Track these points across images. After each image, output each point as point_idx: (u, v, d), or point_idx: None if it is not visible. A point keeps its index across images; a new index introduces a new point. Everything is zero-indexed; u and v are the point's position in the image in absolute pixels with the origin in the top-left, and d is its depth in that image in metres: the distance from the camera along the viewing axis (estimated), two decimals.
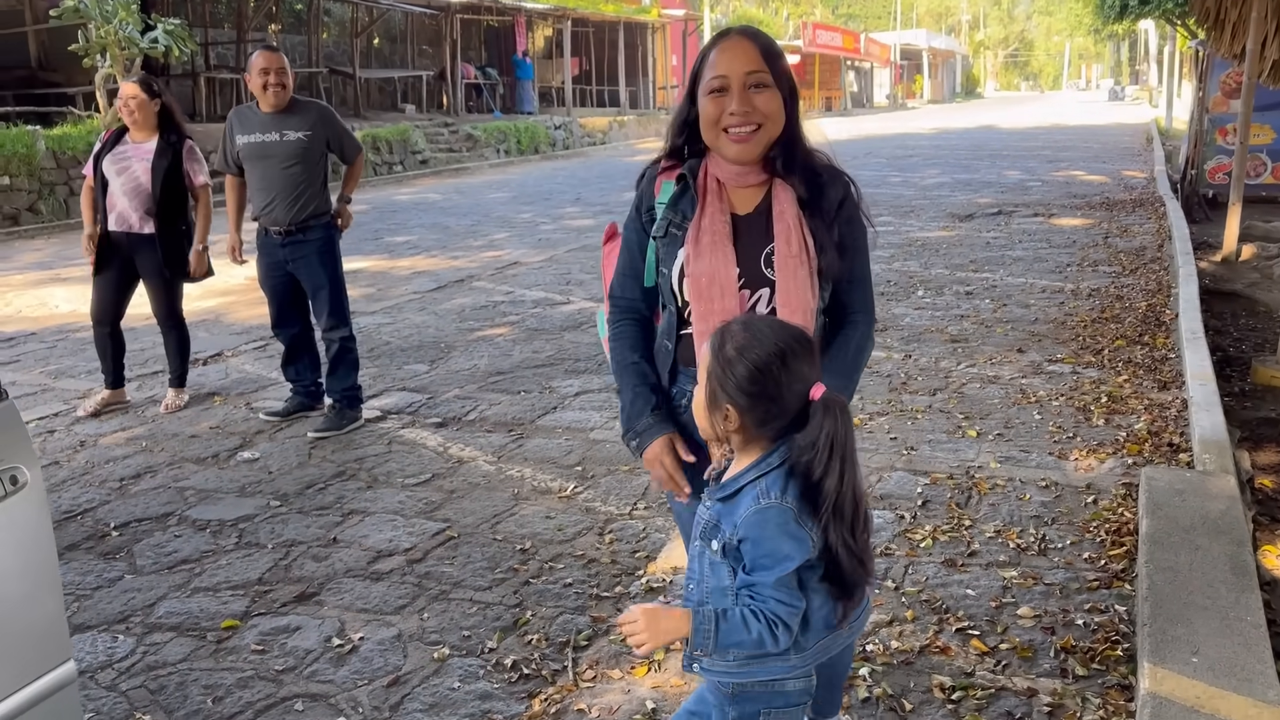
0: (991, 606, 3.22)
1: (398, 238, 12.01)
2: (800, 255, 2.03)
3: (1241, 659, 2.66)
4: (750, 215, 2.10)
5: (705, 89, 2.04)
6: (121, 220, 5.30)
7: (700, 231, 2.06)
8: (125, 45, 14.63)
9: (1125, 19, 27.16)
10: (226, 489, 4.44)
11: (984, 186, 15.34)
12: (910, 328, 6.79)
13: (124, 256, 5.37)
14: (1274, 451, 4.71)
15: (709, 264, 2.04)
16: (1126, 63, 76.06)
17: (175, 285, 5.52)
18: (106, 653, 3.14)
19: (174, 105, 5.46)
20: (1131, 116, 37.30)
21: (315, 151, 5.01)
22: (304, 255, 5.05)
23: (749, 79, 2.00)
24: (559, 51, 31.26)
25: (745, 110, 1.99)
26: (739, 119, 2.00)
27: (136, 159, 5.27)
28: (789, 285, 2.03)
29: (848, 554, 1.73)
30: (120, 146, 5.32)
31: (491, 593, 3.44)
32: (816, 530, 1.71)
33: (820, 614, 1.81)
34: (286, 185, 4.98)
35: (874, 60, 57.27)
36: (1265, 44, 8.41)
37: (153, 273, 5.40)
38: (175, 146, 5.33)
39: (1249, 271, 8.80)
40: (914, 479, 4.26)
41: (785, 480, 1.72)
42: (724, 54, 2.02)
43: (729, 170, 2.09)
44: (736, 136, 2.02)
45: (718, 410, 1.76)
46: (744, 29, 2.08)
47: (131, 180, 5.25)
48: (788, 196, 2.07)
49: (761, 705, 1.87)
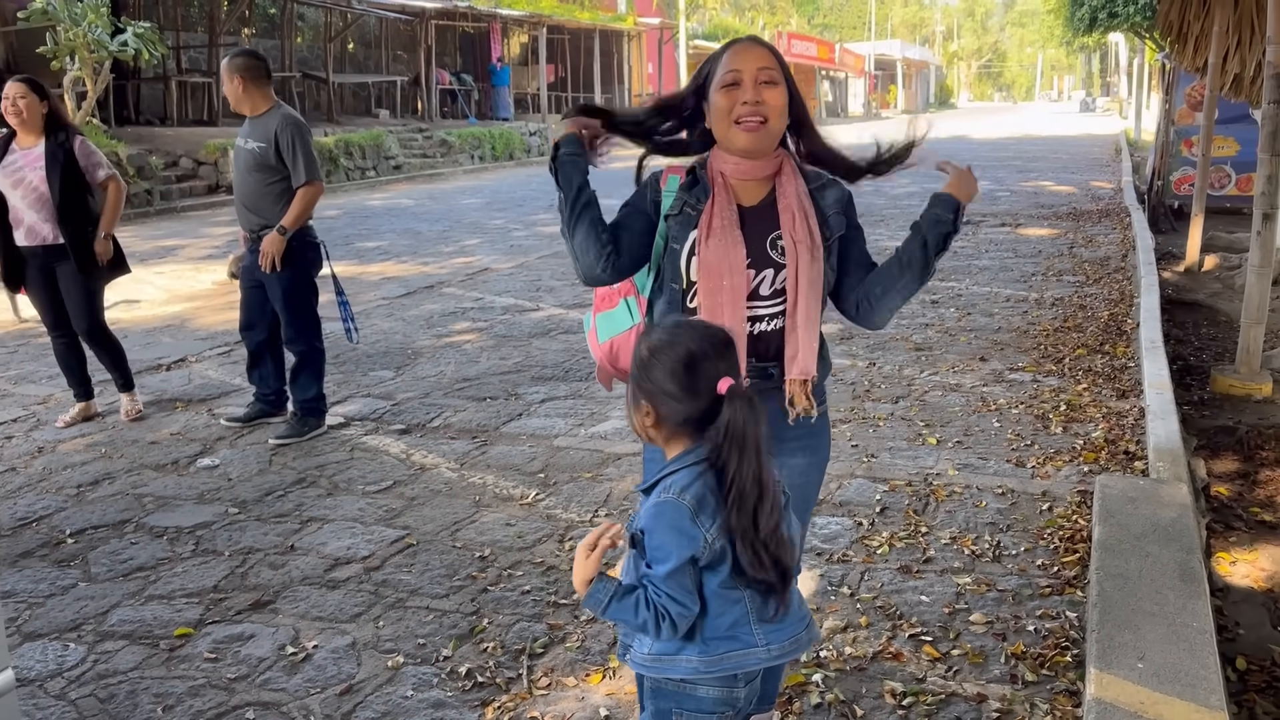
0: (945, 613, 3.24)
1: (368, 243, 11.97)
2: (807, 240, 2.16)
3: (1186, 664, 2.69)
4: (756, 208, 2.22)
5: (719, 84, 2.17)
6: (32, 234, 5.05)
7: (712, 217, 2.18)
8: (94, 48, 14.51)
9: (1095, 31, 27.44)
10: (185, 496, 4.40)
11: None
12: (875, 336, 6.83)
13: (42, 265, 5.12)
14: (1230, 459, 4.77)
15: (720, 243, 2.15)
16: (1098, 74, 76.90)
17: (95, 293, 5.27)
18: (56, 661, 3.11)
19: (58, 105, 5.17)
20: (1102, 128, 37.70)
21: (267, 163, 4.88)
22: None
23: (760, 74, 2.14)
24: (534, 58, 31.27)
25: (756, 101, 2.13)
26: (750, 109, 2.13)
27: (29, 167, 4.97)
28: (801, 270, 2.16)
29: (746, 545, 1.75)
30: (8, 157, 5.00)
31: (448, 600, 3.43)
32: (715, 530, 1.74)
33: (723, 621, 1.82)
34: (245, 192, 4.97)
35: (849, 70, 57.64)
36: (1226, 58, 8.54)
37: (70, 285, 5.15)
38: (65, 146, 5.01)
39: (1211, 282, 8.92)
40: (873, 486, 4.29)
41: (692, 478, 1.76)
42: (737, 54, 2.17)
43: (733, 165, 2.20)
44: (748, 126, 2.14)
45: (638, 408, 1.84)
46: (753, 37, 2.25)
47: (31, 191, 4.97)
48: (793, 189, 2.20)
49: (673, 704, 1.92)
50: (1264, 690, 2.99)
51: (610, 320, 2.44)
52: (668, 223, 2.23)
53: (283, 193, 4.94)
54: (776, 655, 1.88)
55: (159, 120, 20.34)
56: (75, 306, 5.22)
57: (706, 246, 2.16)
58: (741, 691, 1.91)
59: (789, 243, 2.17)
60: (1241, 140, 11.75)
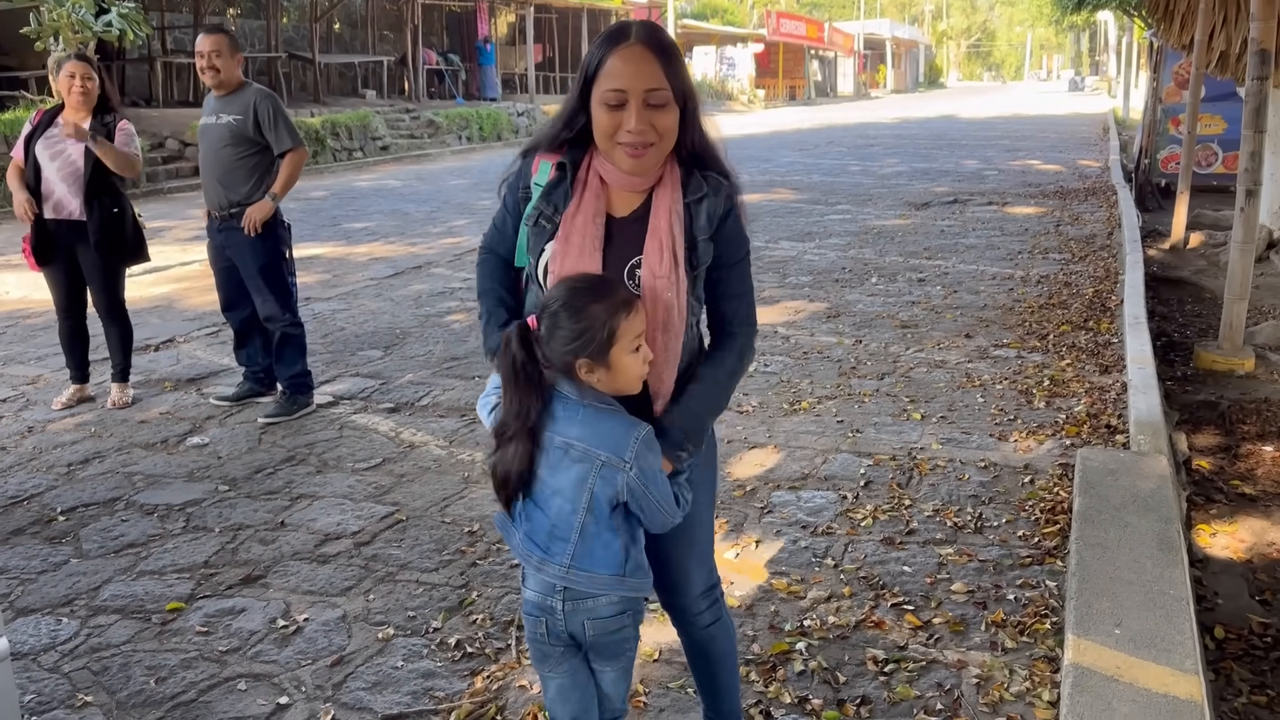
0: (927, 583, 3.30)
1: (356, 224, 11.95)
2: (669, 276, 1.96)
3: (1162, 630, 2.75)
4: (626, 220, 2.03)
5: (600, 98, 1.92)
6: (59, 208, 5.10)
7: (571, 230, 2.00)
8: (79, 29, 14.42)
9: (1084, 10, 27.51)
10: (175, 474, 4.43)
11: (941, 175, 15.49)
12: (862, 314, 6.88)
13: (65, 246, 5.17)
14: (1212, 434, 4.83)
15: (574, 266, 1.98)
16: (1086, 53, 76.89)
17: (116, 274, 5.33)
18: (50, 635, 3.14)
19: (111, 87, 5.30)
20: (1090, 107, 37.75)
21: (244, 136, 4.90)
22: (237, 242, 5.00)
23: (649, 97, 1.90)
24: (522, 38, 31.14)
25: (642, 129, 1.90)
26: (635, 137, 1.91)
27: (72, 142, 5.04)
28: (655, 308, 1.97)
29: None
30: (53, 129, 5.09)
31: (438, 574, 3.47)
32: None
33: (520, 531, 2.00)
34: (218, 168, 4.96)
35: (838, 49, 57.47)
36: (1213, 35, 8.59)
37: (92, 262, 5.19)
38: (109, 126, 5.12)
39: (1196, 259, 8.98)
40: (858, 460, 4.34)
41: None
42: (624, 65, 1.90)
43: (614, 174, 2.00)
44: (632, 152, 1.93)
45: (578, 370, 1.91)
46: (643, 32, 1.94)
47: (68, 164, 5.06)
48: (666, 207, 1.99)
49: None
50: (1241, 658, 3.06)
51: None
52: (525, 226, 2.08)
53: (256, 167, 4.96)
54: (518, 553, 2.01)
55: (144, 101, 20.23)
56: (97, 285, 5.28)
57: (562, 264, 1.99)
58: (546, 600, 2.00)
59: (647, 276, 1.97)
60: (1228, 118, 11.79)
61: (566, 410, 1.92)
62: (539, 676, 2.16)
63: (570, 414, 1.92)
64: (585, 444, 1.90)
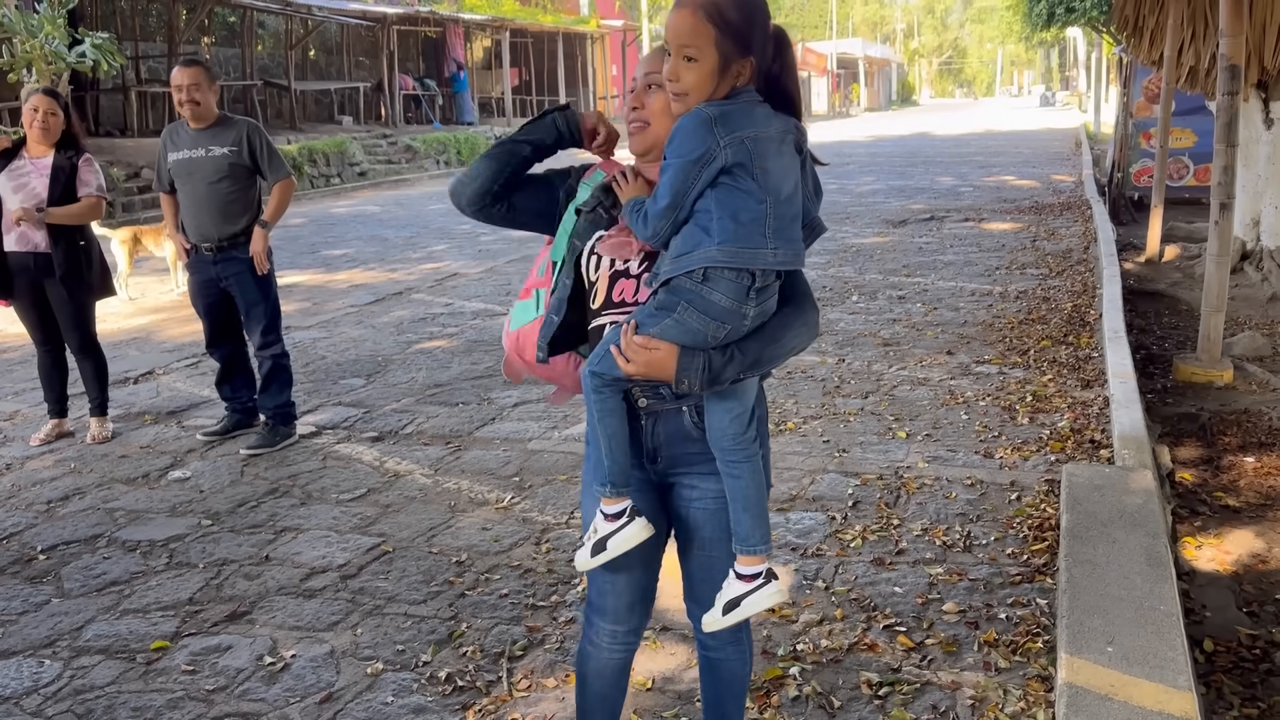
0: (918, 603, 3.29)
1: (335, 251, 11.91)
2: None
3: (1154, 647, 2.75)
4: None
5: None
6: (24, 240, 5.03)
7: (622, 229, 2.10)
8: (52, 59, 14.35)
9: (1052, 26, 27.79)
10: (157, 509, 4.38)
11: (917, 193, 15.60)
12: (844, 332, 6.90)
13: (30, 280, 5.10)
14: (1194, 446, 4.86)
15: (618, 249, 2.08)
16: (1057, 69, 77.73)
17: (84, 306, 5.25)
18: (32, 678, 3.09)
19: (76, 120, 5.26)
20: (1062, 122, 38.15)
21: (241, 167, 4.94)
22: (237, 272, 5.00)
23: (646, 79, 2.07)
24: (498, 62, 31.21)
25: (634, 106, 2.09)
26: (631, 113, 2.10)
27: (35, 175, 5.02)
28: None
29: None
30: (17, 162, 5.06)
31: (426, 606, 3.44)
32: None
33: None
34: (214, 201, 4.94)
35: (811, 69, 57.86)
36: (1182, 50, 8.70)
37: (59, 297, 5.13)
38: (73, 161, 5.09)
39: (1172, 271, 9.07)
40: (845, 480, 4.34)
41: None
42: (646, 58, 2.13)
43: (639, 161, 2.14)
44: (631, 128, 2.12)
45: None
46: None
47: (31, 196, 4.99)
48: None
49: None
50: (1230, 670, 3.06)
51: (523, 310, 2.36)
52: (578, 216, 2.15)
53: (252, 198, 5.02)
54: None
55: (119, 131, 20.12)
56: (67, 320, 5.21)
57: (607, 247, 2.09)
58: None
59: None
60: (1198, 131, 11.93)
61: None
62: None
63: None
64: None
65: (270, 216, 5.03)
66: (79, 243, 5.14)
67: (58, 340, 5.31)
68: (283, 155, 5.14)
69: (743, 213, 1.88)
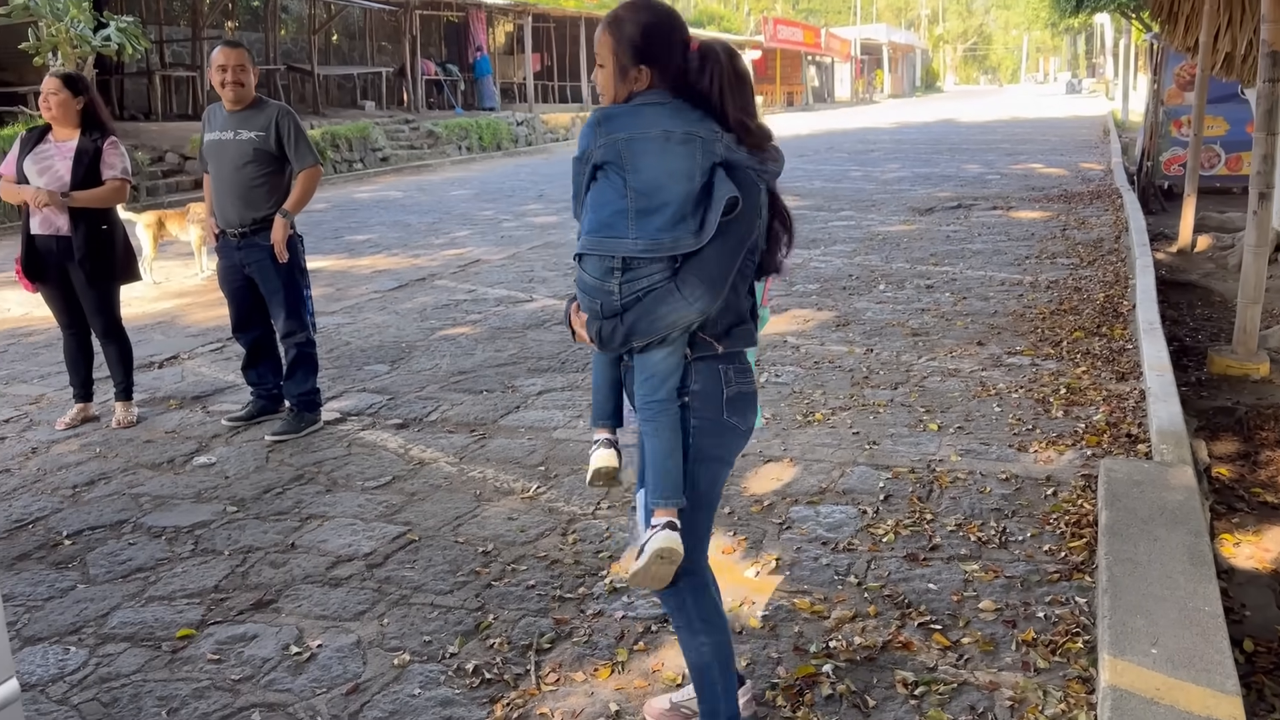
0: (953, 600, 3.23)
1: (358, 236, 11.89)
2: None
3: (1200, 649, 2.68)
4: None
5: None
6: (46, 223, 5.02)
7: None
8: (77, 43, 14.39)
9: (1081, 12, 27.48)
10: (182, 495, 4.36)
11: (944, 180, 15.44)
12: (872, 322, 6.82)
13: (55, 263, 5.09)
14: (1230, 441, 4.77)
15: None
16: (1083, 56, 76.92)
17: (108, 291, 5.23)
18: (58, 665, 3.07)
19: (99, 103, 5.20)
20: (1088, 109, 37.73)
21: (268, 153, 4.88)
22: (259, 258, 4.96)
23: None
24: (520, 47, 31.11)
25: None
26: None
27: (59, 157, 4.99)
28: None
29: None
30: (42, 145, 5.05)
31: (453, 596, 3.40)
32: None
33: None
34: (240, 185, 4.90)
35: (835, 55, 57.48)
36: (1218, 37, 8.52)
37: (81, 281, 5.10)
38: (97, 144, 5.06)
39: (1204, 262, 8.92)
40: (876, 473, 4.27)
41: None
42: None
43: None
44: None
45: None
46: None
47: (55, 180, 4.97)
48: None
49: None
50: (1271, 672, 2.99)
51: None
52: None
53: (278, 184, 4.95)
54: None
55: (143, 115, 20.19)
56: (90, 305, 5.19)
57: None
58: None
59: None
60: (1230, 120, 11.74)
61: None
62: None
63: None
64: None
65: (292, 205, 4.94)
66: (101, 226, 5.11)
67: (83, 324, 5.29)
68: (312, 142, 5.06)
69: (606, 206, 2.20)
